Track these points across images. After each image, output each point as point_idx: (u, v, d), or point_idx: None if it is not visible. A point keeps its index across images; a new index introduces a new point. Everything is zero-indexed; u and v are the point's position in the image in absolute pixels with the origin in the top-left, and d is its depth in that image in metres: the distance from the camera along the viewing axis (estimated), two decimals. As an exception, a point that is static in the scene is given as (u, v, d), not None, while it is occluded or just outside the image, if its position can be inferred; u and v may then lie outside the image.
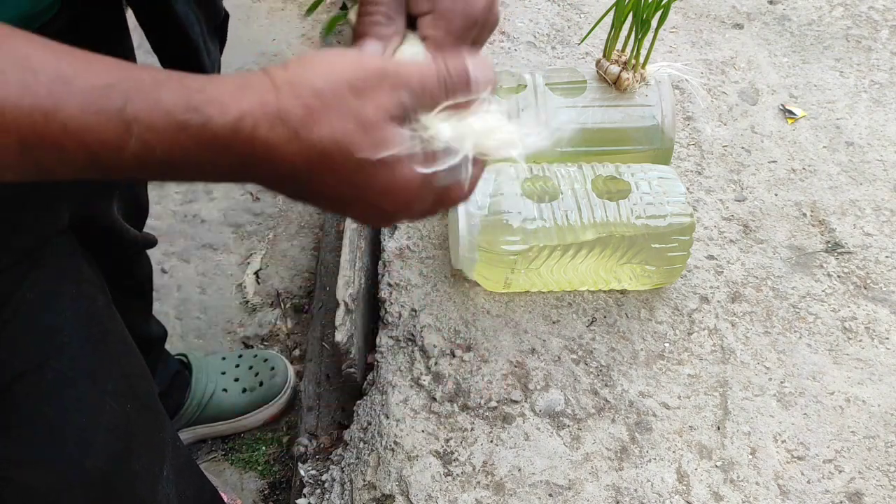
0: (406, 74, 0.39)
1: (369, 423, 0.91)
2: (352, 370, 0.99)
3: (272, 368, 1.17)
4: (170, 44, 0.59)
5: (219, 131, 0.35)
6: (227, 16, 0.68)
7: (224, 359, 1.18)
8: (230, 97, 0.35)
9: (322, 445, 1.00)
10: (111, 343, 0.66)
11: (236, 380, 1.15)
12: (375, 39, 0.45)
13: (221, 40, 0.68)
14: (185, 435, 1.13)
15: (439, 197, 0.42)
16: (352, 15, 0.49)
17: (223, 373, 1.15)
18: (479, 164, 0.43)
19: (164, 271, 1.35)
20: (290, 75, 0.37)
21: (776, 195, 1.16)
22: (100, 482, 0.64)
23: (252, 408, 1.15)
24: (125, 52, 0.68)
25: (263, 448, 1.15)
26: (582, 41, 1.22)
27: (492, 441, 0.87)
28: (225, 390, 1.14)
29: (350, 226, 1.12)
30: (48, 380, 0.59)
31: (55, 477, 0.62)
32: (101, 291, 0.65)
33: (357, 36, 0.46)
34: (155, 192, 1.46)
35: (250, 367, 1.17)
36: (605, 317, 0.99)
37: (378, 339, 0.97)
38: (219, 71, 0.68)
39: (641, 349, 0.96)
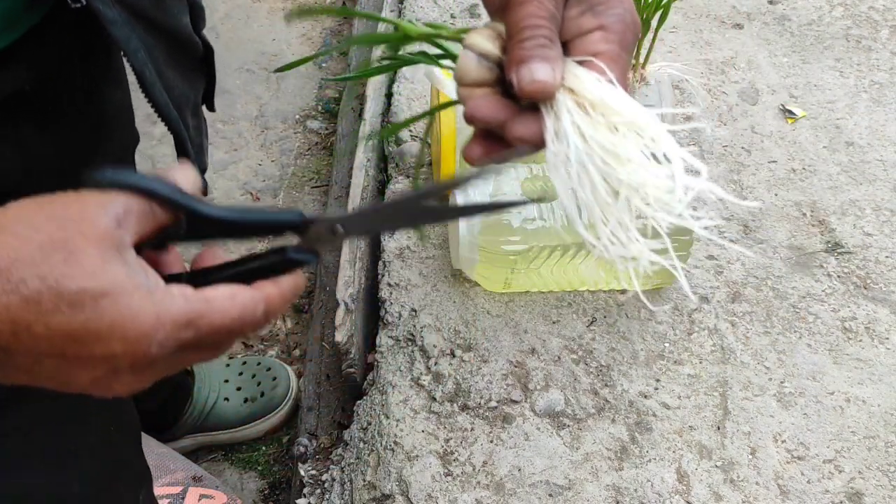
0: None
1: (369, 423, 0.91)
2: (352, 370, 0.99)
3: (274, 379, 1.16)
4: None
5: None
6: (208, 50, 0.67)
7: (227, 365, 1.18)
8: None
9: (322, 445, 1.00)
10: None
11: (238, 389, 1.15)
12: (543, 62, 0.41)
13: (209, 76, 0.68)
14: (186, 442, 1.13)
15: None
16: (479, 39, 0.43)
17: (226, 381, 1.15)
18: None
19: (164, 271, 1.35)
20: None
21: (776, 195, 1.16)
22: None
23: (253, 419, 1.15)
24: (115, 72, 0.65)
25: (263, 448, 1.15)
26: (582, 41, 1.22)
27: (492, 441, 0.87)
28: (227, 399, 1.14)
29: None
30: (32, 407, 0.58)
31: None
32: None
33: (513, 61, 0.41)
34: (155, 192, 1.46)
35: (253, 376, 1.17)
36: (605, 317, 0.99)
37: (378, 339, 0.97)
38: (202, 152, 0.67)
39: (641, 349, 0.96)
